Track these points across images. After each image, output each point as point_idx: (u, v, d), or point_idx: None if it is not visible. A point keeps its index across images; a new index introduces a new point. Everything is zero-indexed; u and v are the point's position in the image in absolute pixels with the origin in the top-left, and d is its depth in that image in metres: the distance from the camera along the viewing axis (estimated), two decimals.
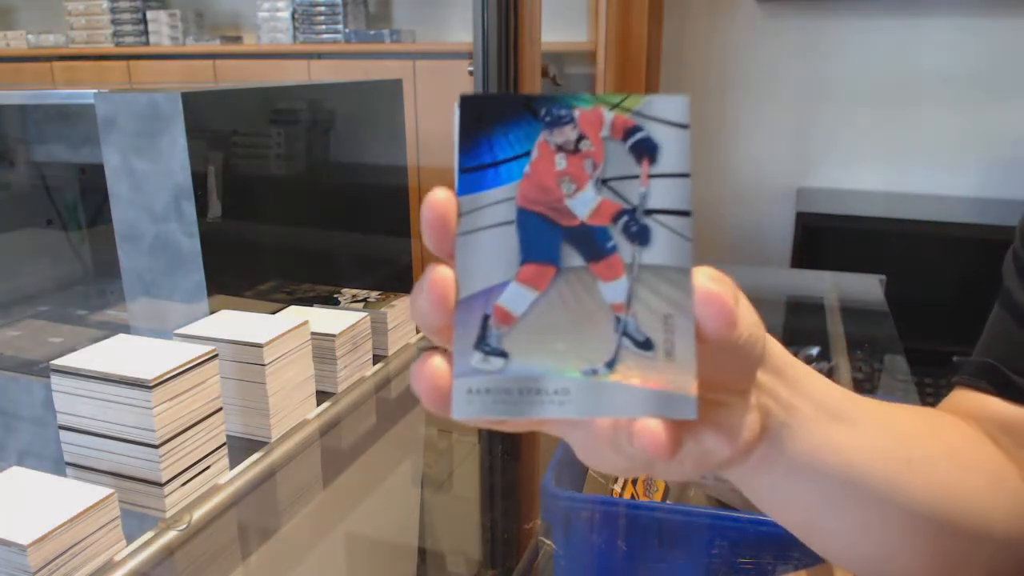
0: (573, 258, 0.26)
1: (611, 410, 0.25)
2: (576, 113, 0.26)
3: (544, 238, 0.26)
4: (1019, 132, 2.41)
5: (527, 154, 0.26)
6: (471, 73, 1.60)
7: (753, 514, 0.65)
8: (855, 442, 0.36)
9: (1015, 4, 2.33)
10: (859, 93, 2.53)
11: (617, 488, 0.78)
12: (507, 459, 1.02)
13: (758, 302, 0.29)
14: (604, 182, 0.26)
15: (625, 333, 0.25)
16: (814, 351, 1.20)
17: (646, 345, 0.25)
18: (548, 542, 0.73)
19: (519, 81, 1.59)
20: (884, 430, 0.38)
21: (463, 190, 0.26)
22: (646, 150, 0.26)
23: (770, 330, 0.31)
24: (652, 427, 0.25)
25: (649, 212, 0.26)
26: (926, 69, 2.45)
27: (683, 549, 0.67)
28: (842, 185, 2.62)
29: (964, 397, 0.49)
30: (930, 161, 2.52)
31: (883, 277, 1.54)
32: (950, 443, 0.43)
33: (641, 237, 0.26)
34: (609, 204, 0.26)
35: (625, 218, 0.26)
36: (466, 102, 0.26)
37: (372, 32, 2.99)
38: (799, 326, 1.43)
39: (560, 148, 0.26)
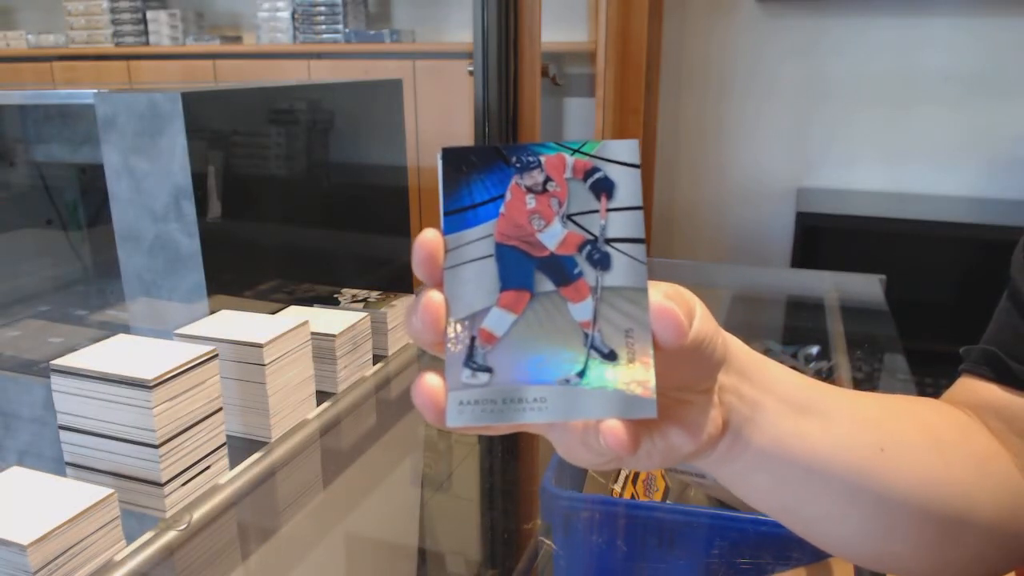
0: (545, 284, 0.30)
1: (583, 413, 0.29)
2: (542, 159, 0.31)
3: (519, 268, 0.30)
4: (1019, 132, 2.41)
5: (501, 196, 0.30)
6: (471, 73, 1.60)
7: (753, 514, 0.65)
8: (822, 433, 0.38)
9: (1015, 4, 2.33)
10: (859, 93, 2.53)
11: (617, 488, 0.78)
12: (507, 459, 1.02)
13: (758, 302, 0.30)
14: (569, 217, 0.30)
15: (592, 347, 0.29)
16: (814, 350, 1.20)
17: (611, 356, 0.29)
18: (548, 542, 0.73)
19: (519, 81, 1.59)
20: (855, 420, 0.40)
21: (448, 230, 0.30)
22: (604, 188, 0.30)
23: (770, 330, 0.32)
24: (615, 427, 0.28)
25: (609, 241, 0.30)
26: (926, 69, 2.45)
27: (683, 549, 0.67)
28: (842, 185, 2.62)
29: (966, 385, 0.50)
30: (930, 161, 2.52)
31: (883, 277, 1.54)
32: (932, 430, 0.44)
33: (603, 263, 0.30)
34: (574, 236, 0.30)
35: (588, 247, 0.30)
36: (447, 154, 0.30)
37: (372, 32, 2.99)
38: (799, 326, 1.43)
39: (529, 189, 0.30)
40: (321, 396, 1.04)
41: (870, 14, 2.46)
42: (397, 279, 1.51)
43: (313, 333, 1.01)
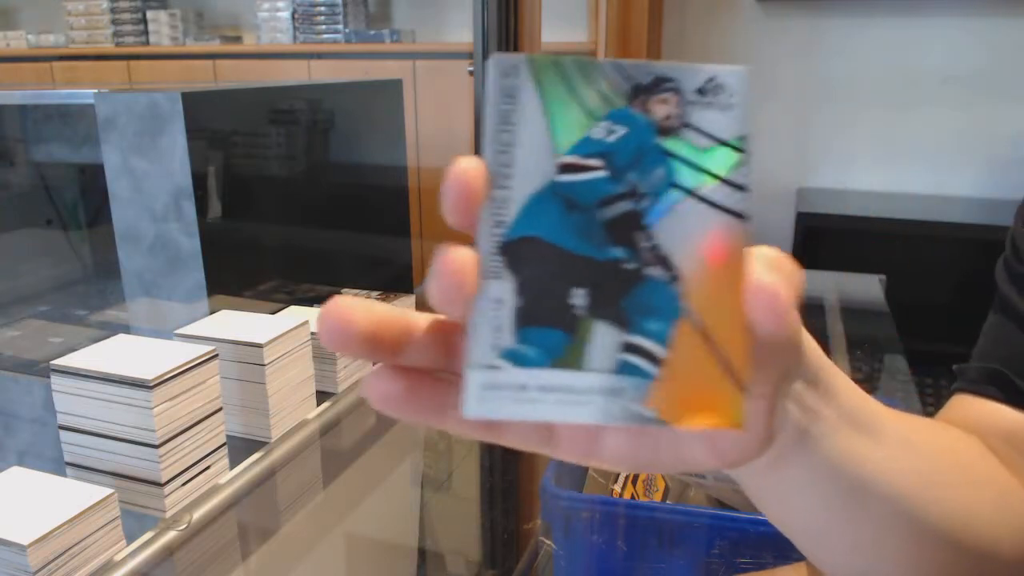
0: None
1: None
2: None
3: None
4: (1019, 132, 2.41)
5: None
6: (471, 73, 1.60)
7: (753, 514, 0.65)
8: (875, 456, 0.34)
9: (1015, 4, 2.33)
10: (859, 93, 2.53)
11: (617, 488, 0.78)
12: (507, 459, 1.02)
13: None
14: None
15: None
16: None
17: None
18: (548, 542, 0.73)
19: None
20: (906, 446, 0.36)
21: None
22: None
23: None
24: None
25: None
26: (926, 69, 2.45)
27: (683, 549, 0.67)
28: (842, 185, 2.62)
29: (967, 405, 0.47)
30: (930, 161, 2.51)
31: (883, 277, 1.54)
32: (963, 460, 0.41)
33: None
34: None
35: None
36: None
37: (372, 32, 2.99)
38: None
39: None
40: (321, 396, 1.04)
41: (870, 14, 2.46)
42: (397, 279, 1.51)
43: (313, 333, 1.01)
